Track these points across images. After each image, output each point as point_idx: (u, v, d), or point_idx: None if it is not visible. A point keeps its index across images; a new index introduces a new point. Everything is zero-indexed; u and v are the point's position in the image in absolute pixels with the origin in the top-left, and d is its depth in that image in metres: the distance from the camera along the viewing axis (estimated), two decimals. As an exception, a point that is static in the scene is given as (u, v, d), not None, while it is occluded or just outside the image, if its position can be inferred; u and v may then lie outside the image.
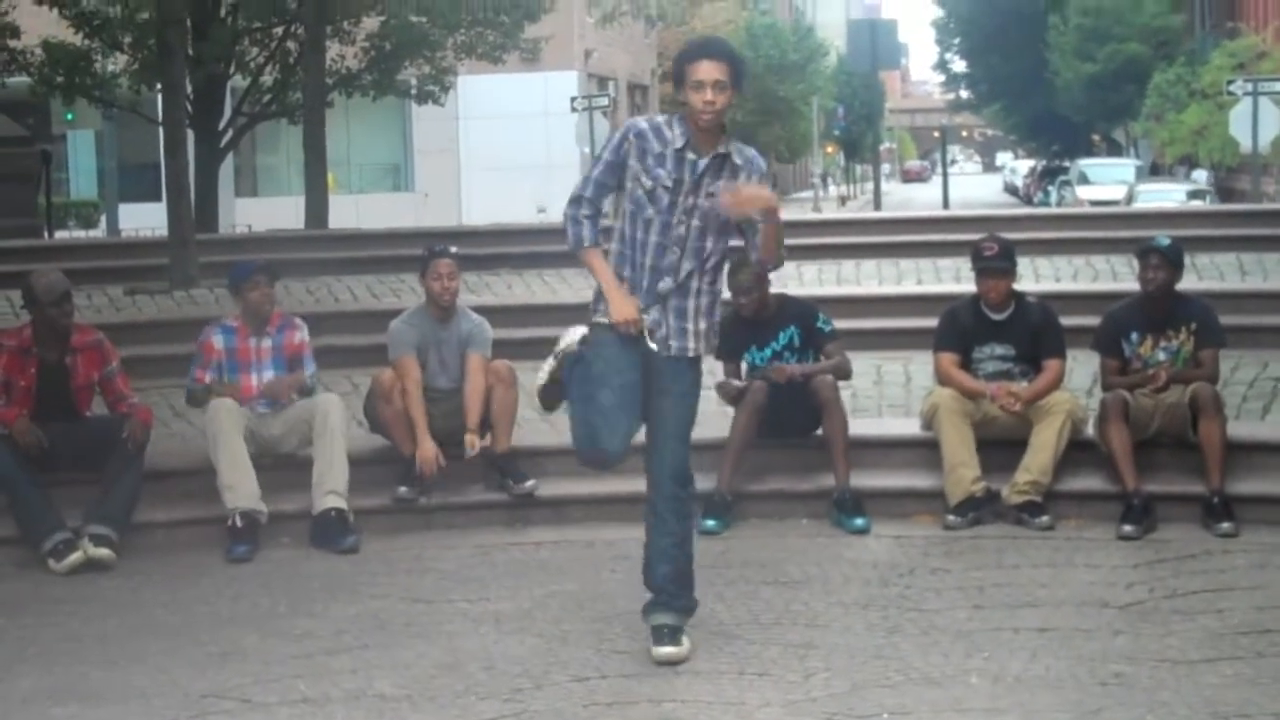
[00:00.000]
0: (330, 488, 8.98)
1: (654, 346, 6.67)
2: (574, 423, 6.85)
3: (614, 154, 6.74)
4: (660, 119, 6.80)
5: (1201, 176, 43.98)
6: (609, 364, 6.67)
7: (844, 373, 9.46)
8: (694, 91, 6.60)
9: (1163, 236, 9.62)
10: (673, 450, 6.78)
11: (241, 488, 8.90)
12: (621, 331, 6.64)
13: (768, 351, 9.44)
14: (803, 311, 9.57)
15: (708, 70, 6.60)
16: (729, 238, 6.81)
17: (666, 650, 6.73)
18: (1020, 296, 9.55)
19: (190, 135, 20.11)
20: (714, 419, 9.54)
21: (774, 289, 9.54)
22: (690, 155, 6.66)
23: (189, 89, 20.96)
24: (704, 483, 9.13)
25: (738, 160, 6.73)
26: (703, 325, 6.79)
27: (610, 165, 6.74)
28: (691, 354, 6.78)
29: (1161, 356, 9.27)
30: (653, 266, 6.70)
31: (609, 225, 6.90)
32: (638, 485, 7.20)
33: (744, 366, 9.52)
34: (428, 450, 9.15)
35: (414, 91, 26.66)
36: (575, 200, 6.75)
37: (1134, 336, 9.32)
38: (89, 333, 9.39)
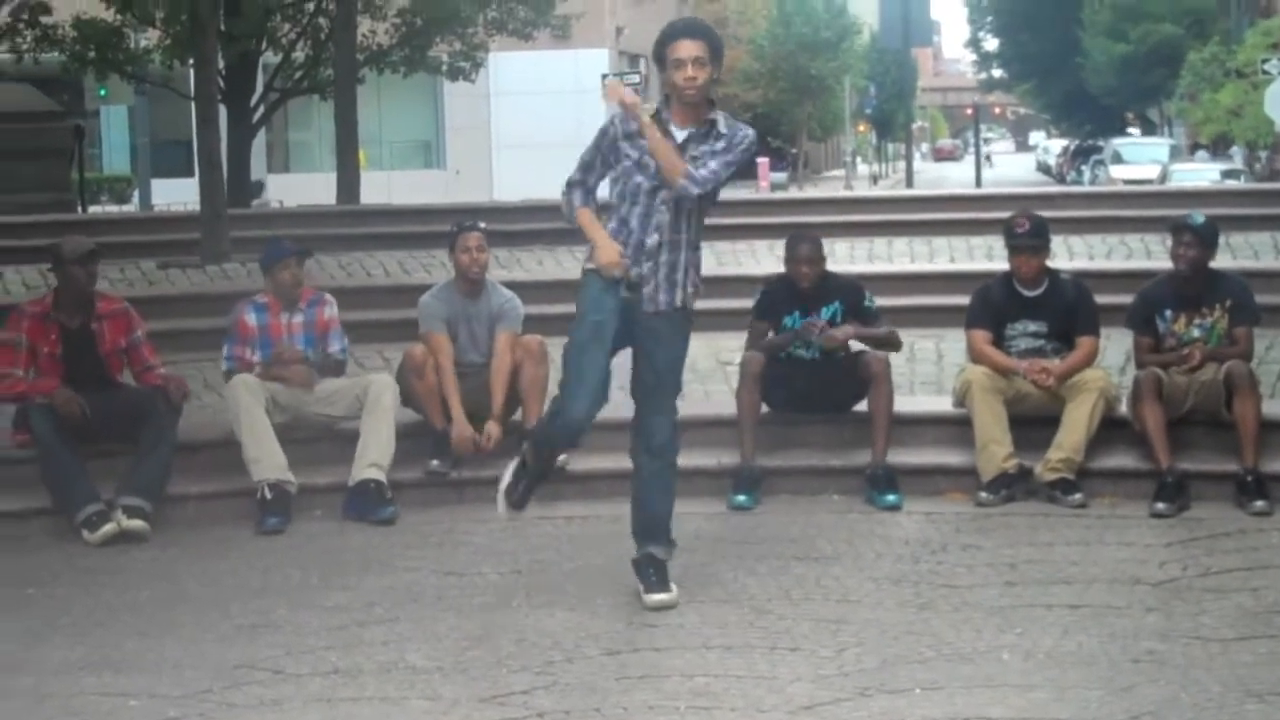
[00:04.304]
0: (372, 460, 9.00)
1: (626, 295, 7.04)
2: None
3: (601, 136, 7.17)
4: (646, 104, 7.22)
5: (1205, 155, 43.82)
6: (589, 303, 7.10)
7: (895, 343, 9.48)
8: (676, 70, 6.97)
9: (1198, 214, 9.56)
10: (661, 393, 7.22)
11: (267, 460, 8.92)
12: (605, 275, 7.03)
13: None
14: (849, 288, 9.54)
15: (688, 48, 6.96)
16: (711, 199, 7.20)
17: (660, 596, 7.14)
18: (1054, 273, 9.51)
19: (223, 111, 20.14)
20: (726, 397, 9.62)
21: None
22: (671, 128, 7.03)
23: (221, 65, 20.99)
24: (729, 459, 9.18)
25: (723, 129, 7.06)
26: (691, 281, 7.18)
27: (596, 146, 7.19)
28: (679, 304, 7.14)
29: (1195, 334, 9.21)
30: (641, 226, 7.07)
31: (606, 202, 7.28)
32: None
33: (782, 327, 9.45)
34: (463, 431, 9.17)
35: (445, 68, 26.65)
36: (568, 183, 7.26)
37: (1168, 314, 9.26)
38: (114, 301, 9.47)
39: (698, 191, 7.03)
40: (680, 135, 7.02)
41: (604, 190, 7.29)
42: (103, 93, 32.13)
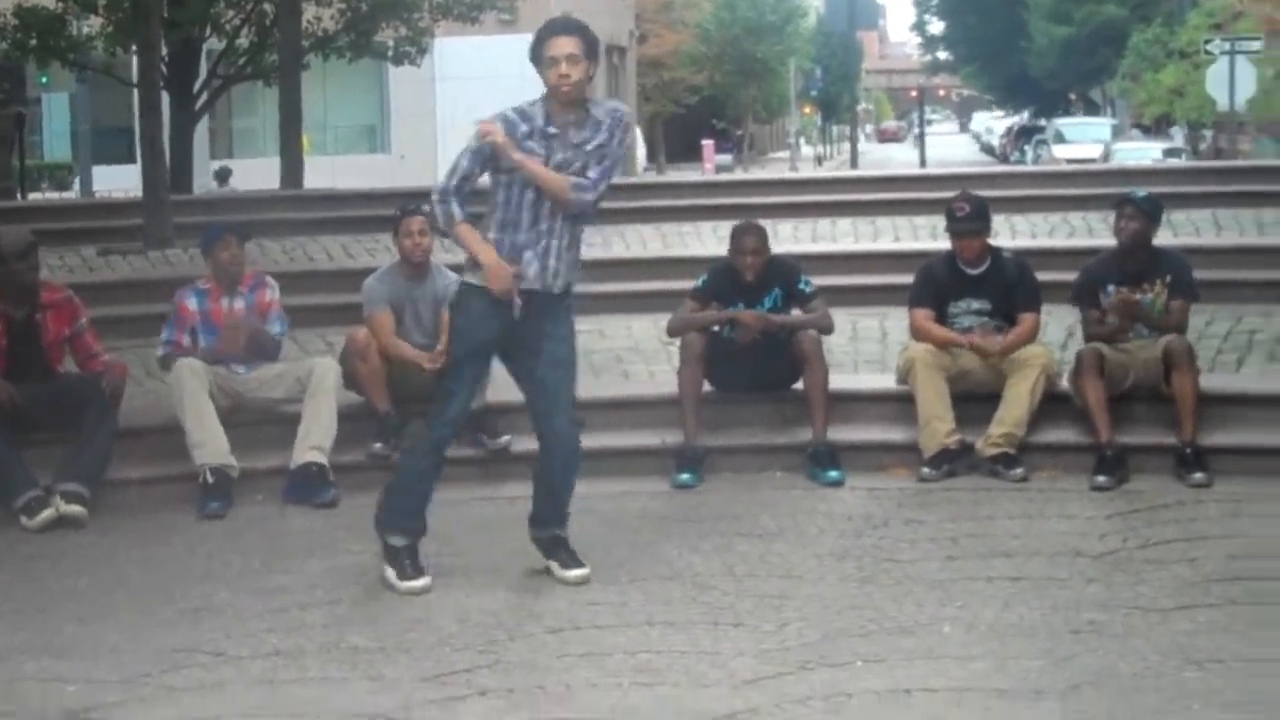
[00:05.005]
0: (314, 443, 8.97)
1: (517, 315, 7.04)
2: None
3: (479, 142, 7.08)
4: (525, 105, 7.15)
5: (1138, 135, 44.16)
6: (474, 319, 7.13)
7: (825, 327, 9.43)
8: (550, 68, 6.99)
9: (1140, 189, 9.65)
10: (567, 388, 7.25)
11: (210, 444, 8.88)
12: (495, 295, 7.03)
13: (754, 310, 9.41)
14: (786, 272, 9.53)
15: (561, 45, 6.98)
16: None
17: (580, 571, 7.25)
18: (996, 251, 9.55)
19: (165, 97, 19.99)
20: (670, 376, 9.64)
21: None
22: (554, 130, 7.03)
23: (164, 51, 20.80)
24: (672, 438, 9.20)
25: (596, 114, 7.09)
26: (564, 262, 7.14)
27: (476, 154, 7.11)
28: (557, 290, 7.12)
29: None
30: (530, 224, 7.06)
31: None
32: (608, 441, 7.34)
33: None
34: (406, 351, 9.25)
35: (390, 53, 26.47)
36: (443, 190, 7.16)
37: (1110, 288, 9.32)
38: (57, 290, 9.37)
39: (593, 196, 7.08)
40: (557, 127, 7.02)
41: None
42: (44, 80, 31.80)
